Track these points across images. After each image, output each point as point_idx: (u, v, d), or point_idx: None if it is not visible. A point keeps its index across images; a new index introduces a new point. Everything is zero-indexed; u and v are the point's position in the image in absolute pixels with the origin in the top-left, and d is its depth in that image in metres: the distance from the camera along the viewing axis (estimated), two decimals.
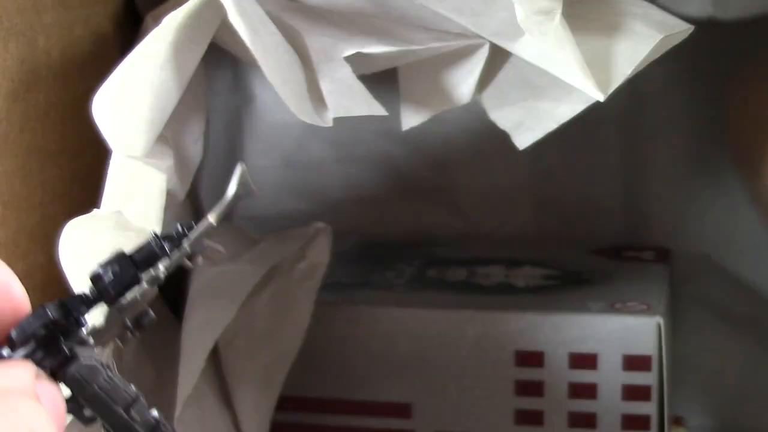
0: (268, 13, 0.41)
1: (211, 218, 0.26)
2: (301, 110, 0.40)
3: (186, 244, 0.26)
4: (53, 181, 0.46)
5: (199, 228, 0.26)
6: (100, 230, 0.38)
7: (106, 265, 0.26)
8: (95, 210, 0.38)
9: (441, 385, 0.52)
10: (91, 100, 0.39)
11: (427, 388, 0.52)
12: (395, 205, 0.62)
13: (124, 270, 0.25)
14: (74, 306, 0.25)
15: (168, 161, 0.43)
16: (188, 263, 0.26)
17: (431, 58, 0.43)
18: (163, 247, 0.26)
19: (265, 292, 0.50)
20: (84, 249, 0.38)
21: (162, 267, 0.25)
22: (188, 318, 0.47)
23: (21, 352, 0.24)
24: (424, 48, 0.41)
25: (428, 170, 0.62)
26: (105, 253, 0.39)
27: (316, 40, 0.41)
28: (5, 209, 0.43)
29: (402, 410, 0.52)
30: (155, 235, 0.26)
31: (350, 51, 0.41)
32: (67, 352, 0.25)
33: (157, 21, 0.41)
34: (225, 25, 0.40)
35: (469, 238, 0.62)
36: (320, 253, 0.52)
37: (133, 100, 0.39)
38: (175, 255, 0.26)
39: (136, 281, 0.25)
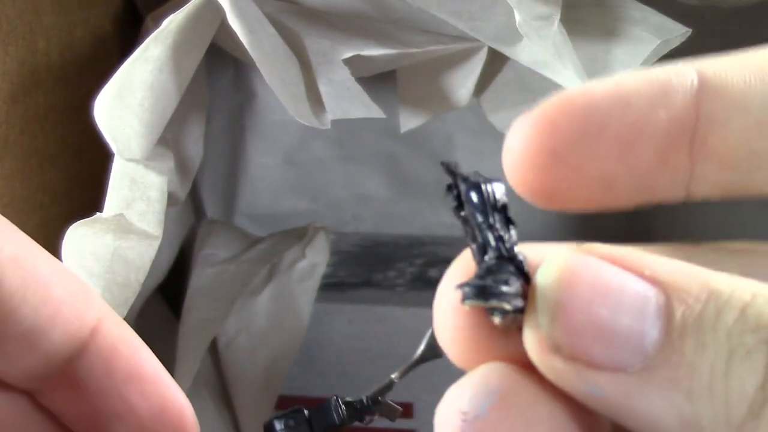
0: (267, 15, 0.41)
1: (395, 377, 0.26)
2: (298, 112, 0.40)
3: (367, 422, 0.26)
4: (53, 183, 0.46)
5: (381, 389, 0.26)
6: (103, 233, 0.38)
7: (281, 417, 0.25)
8: (97, 213, 0.38)
9: (442, 384, 0.52)
10: (92, 103, 0.39)
11: (428, 388, 0.52)
12: (397, 204, 0.62)
13: (298, 427, 0.25)
14: None
15: (169, 163, 0.43)
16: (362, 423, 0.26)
17: (429, 61, 0.43)
18: (344, 417, 0.25)
19: (265, 292, 0.51)
20: (86, 252, 0.38)
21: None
22: (185, 318, 0.47)
23: None
24: (422, 51, 0.41)
25: (430, 169, 0.62)
26: (107, 256, 0.39)
27: (314, 42, 0.41)
28: (5, 211, 0.43)
29: (403, 410, 0.52)
30: (337, 400, 0.26)
31: (349, 53, 0.41)
32: None
33: (157, 22, 0.41)
34: (224, 27, 0.40)
35: None
36: (320, 253, 0.52)
37: (134, 103, 0.39)
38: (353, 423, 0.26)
39: None
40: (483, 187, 0.21)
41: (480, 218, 0.21)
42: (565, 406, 0.20)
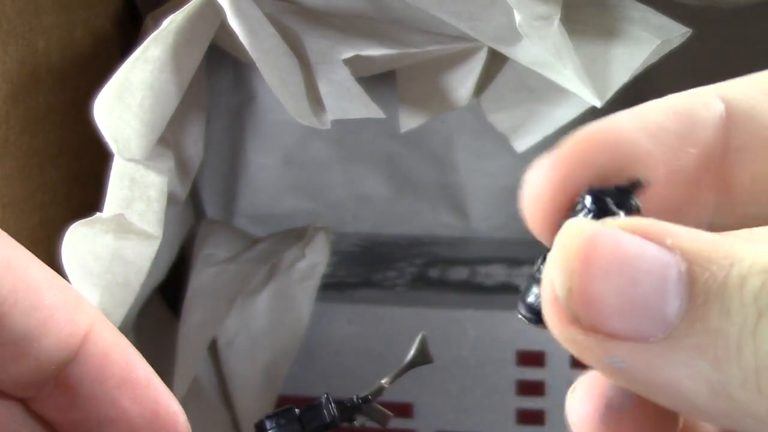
0: (267, 15, 0.41)
1: (385, 382, 0.26)
2: (298, 112, 0.40)
3: (357, 422, 0.26)
4: (53, 183, 0.46)
5: (371, 393, 0.26)
6: (103, 233, 0.38)
7: (272, 416, 0.25)
8: (97, 213, 0.39)
9: (442, 384, 0.52)
10: (92, 102, 0.39)
11: (428, 388, 0.52)
12: (397, 204, 0.62)
13: (289, 425, 0.25)
14: None
15: (169, 163, 0.43)
16: (354, 424, 0.26)
17: (429, 61, 0.43)
18: (335, 416, 0.25)
19: (265, 292, 0.51)
20: (86, 252, 0.38)
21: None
22: (185, 318, 0.47)
23: None
24: (422, 51, 0.41)
25: (430, 169, 0.62)
26: (107, 256, 0.39)
27: (314, 42, 0.41)
28: (5, 211, 0.43)
29: (403, 410, 0.52)
30: (328, 398, 0.26)
31: (349, 53, 0.41)
32: None
33: (157, 22, 0.41)
34: (224, 27, 0.40)
35: (470, 237, 0.62)
36: (320, 252, 0.52)
37: (134, 103, 0.39)
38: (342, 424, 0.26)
39: None
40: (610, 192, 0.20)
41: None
42: None
